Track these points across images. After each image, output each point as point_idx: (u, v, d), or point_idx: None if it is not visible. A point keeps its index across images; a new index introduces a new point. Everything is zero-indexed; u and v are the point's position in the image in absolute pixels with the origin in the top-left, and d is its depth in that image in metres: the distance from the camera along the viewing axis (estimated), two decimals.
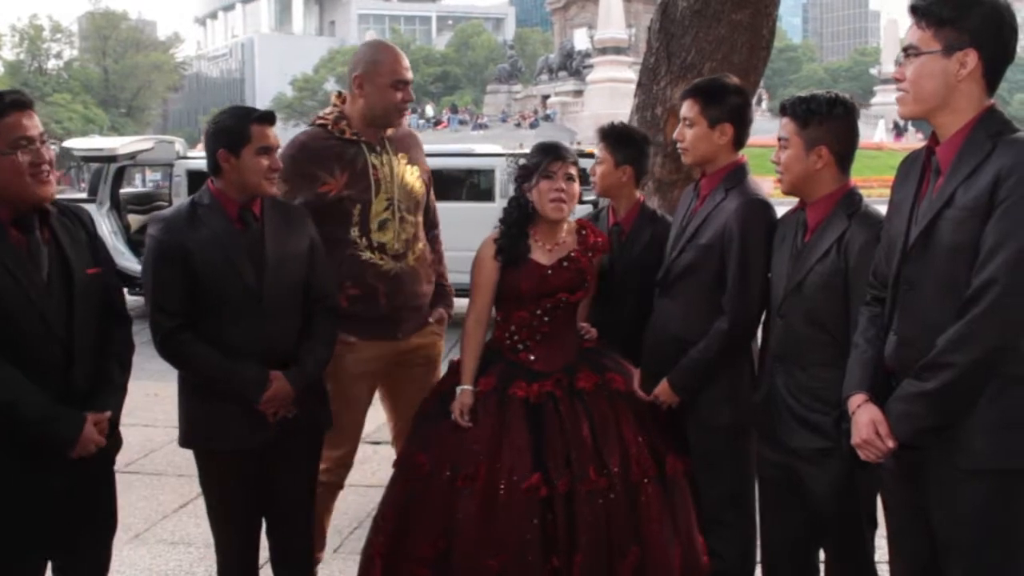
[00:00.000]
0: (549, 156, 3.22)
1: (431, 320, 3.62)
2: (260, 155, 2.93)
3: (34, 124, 2.54)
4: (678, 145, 3.25)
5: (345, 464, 3.61)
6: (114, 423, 2.77)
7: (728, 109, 3.14)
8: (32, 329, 2.54)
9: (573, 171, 3.24)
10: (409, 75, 3.47)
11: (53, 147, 2.65)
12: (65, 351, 2.60)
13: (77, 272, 2.65)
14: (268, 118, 3.00)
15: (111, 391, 2.74)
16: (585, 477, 2.99)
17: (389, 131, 3.55)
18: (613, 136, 3.58)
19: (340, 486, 3.65)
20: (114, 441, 2.82)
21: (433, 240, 3.78)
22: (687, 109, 3.18)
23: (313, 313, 3.08)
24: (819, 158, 2.75)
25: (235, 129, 2.94)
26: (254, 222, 2.98)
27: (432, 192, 3.80)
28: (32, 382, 2.51)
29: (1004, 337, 2.12)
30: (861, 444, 2.34)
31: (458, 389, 3.21)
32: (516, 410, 3.11)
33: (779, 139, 2.83)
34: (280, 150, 3.43)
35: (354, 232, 3.39)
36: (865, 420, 2.33)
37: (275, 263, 2.96)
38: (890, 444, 2.28)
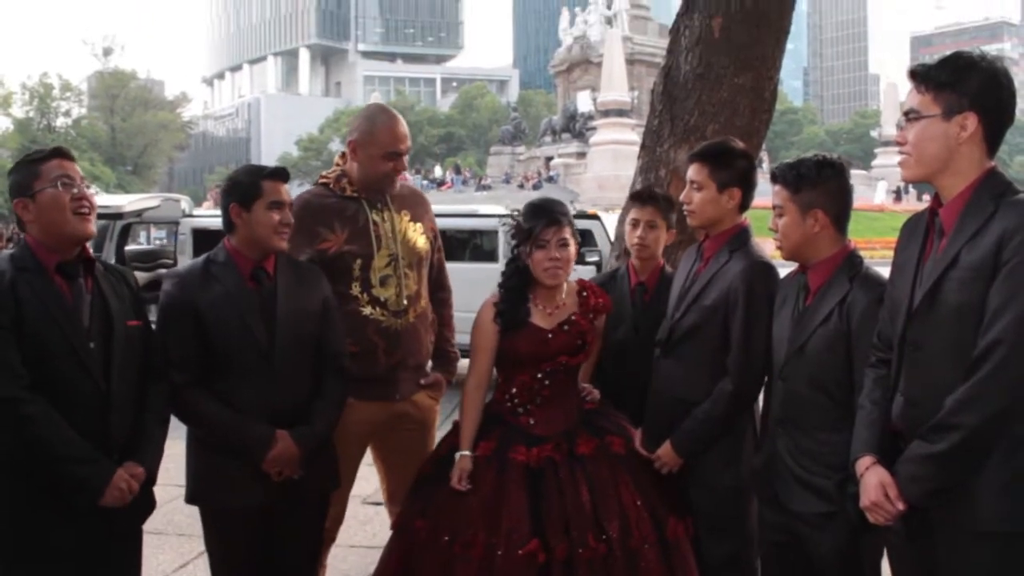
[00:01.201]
0: (541, 222, 3.16)
1: (422, 382, 3.56)
2: (271, 209, 2.96)
3: (75, 169, 2.67)
4: (684, 208, 3.25)
5: (338, 520, 3.58)
6: (151, 479, 2.77)
7: (736, 173, 3.17)
8: (71, 374, 2.58)
9: (567, 234, 3.17)
10: (403, 146, 3.42)
11: None
12: (103, 399, 2.63)
13: (118, 323, 2.69)
14: (280, 174, 3.04)
15: (147, 446, 2.75)
16: (584, 543, 2.93)
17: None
18: (666, 201, 3.64)
19: (333, 540, 3.63)
20: (147, 501, 2.82)
21: (441, 303, 3.74)
22: (695, 173, 3.20)
23: (324, 372, 3.08)
24: (815, 221, 2.76)
25: (247, 184, 2.98)
26: (267, 281, 3.00)
27: (441, 253, 3.78)
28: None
29: (1012, 397, 2.11)
30: (870, 506, 2.32)
31: (457, 455, 3.16)
32: (516, 475, 3.06)
33: (774, 207, 2.84)
34: None
35: (355, 288, 3.39)
36: (874, 482, 2.32)
37: (286, 321, 2.97)
38: (900, 506, 2.27)
